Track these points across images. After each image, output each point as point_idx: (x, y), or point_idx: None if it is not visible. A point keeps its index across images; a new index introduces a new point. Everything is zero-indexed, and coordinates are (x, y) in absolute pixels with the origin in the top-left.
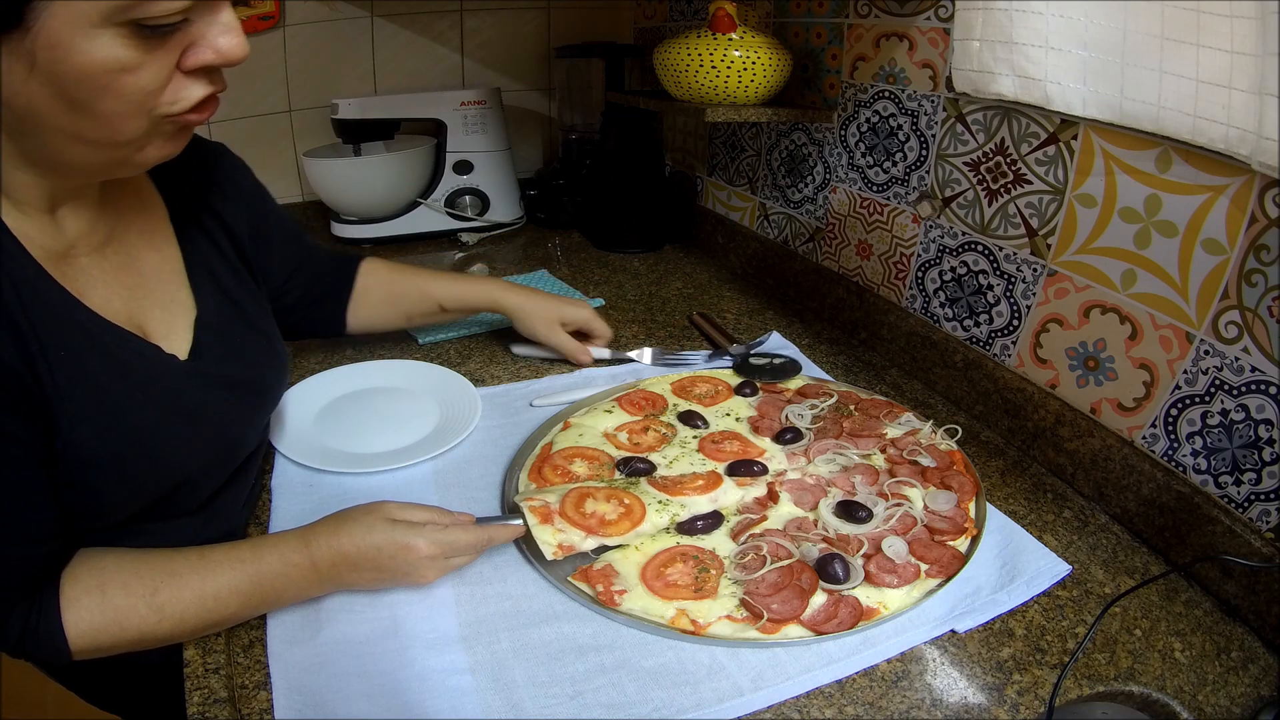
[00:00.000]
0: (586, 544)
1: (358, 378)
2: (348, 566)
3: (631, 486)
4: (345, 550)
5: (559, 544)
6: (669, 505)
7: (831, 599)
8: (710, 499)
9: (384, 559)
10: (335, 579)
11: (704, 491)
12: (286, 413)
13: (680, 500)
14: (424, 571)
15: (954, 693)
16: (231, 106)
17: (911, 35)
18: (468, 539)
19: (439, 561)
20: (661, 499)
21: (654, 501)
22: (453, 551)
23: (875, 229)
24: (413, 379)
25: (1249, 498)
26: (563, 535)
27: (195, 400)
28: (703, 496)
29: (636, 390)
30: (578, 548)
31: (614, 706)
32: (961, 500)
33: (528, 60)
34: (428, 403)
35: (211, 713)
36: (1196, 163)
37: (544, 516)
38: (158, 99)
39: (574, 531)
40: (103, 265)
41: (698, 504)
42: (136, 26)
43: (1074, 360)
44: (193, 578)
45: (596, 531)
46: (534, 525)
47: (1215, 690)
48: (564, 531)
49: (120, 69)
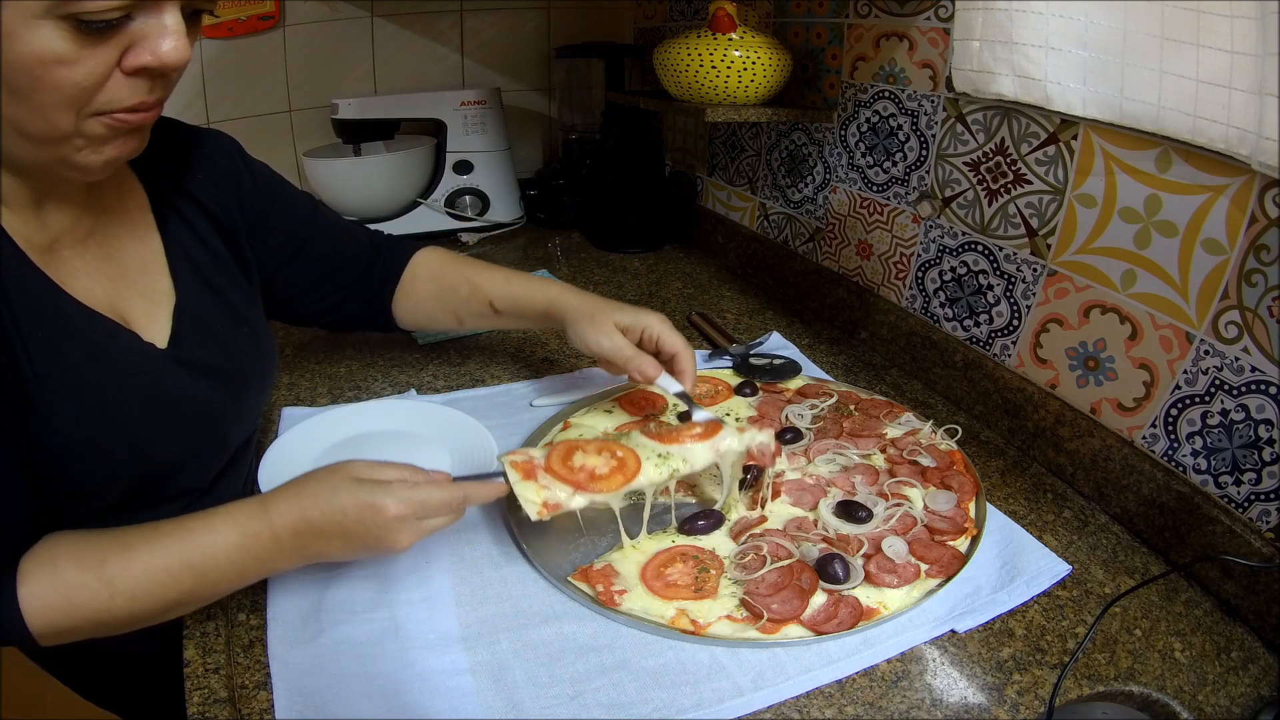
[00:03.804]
0: (575, 501)
1: (360, 420)
2: (313, 534)
3: (624, 439)
4: (308, 515)
5: (544, 502)
6: (669, 458)
7: (831, 599)
8: (710, 446)
9: (350, 522)
10: (300, 549)
11: (703, 439)
12: (282, 460)
13: (680, 450)
14: (395, 535)
15: (954, 693)
16: (231, 106)
17: (911, 35)
18: (441, 496)
19: (410, 523)
20: (660, 451)
21: (651, 454)
22: (425, 511)
23: (875, 229)
24: (422, 423)
25: (1249, 498)
26: (547, 493)
27: (173, 387)
28: (703, 444)
29: (636, 390)
30: (565, 506)
31: (614, 706)
32: (961, 500)
33: (528, 60)
34: (437, 450)
35: (211, 713)
36: (1196, 163)
37: (527, 472)
38: (92, 96)
39: (560, 487)
40: (85, 257)
41: (698, 453)
42: (76, 21)
43: (1074, 360)
44: (142, 549)
45: (586, 487)
46: (516, 482)
47: (1215, 690)
48: (549, 488)
49: (56, 61)
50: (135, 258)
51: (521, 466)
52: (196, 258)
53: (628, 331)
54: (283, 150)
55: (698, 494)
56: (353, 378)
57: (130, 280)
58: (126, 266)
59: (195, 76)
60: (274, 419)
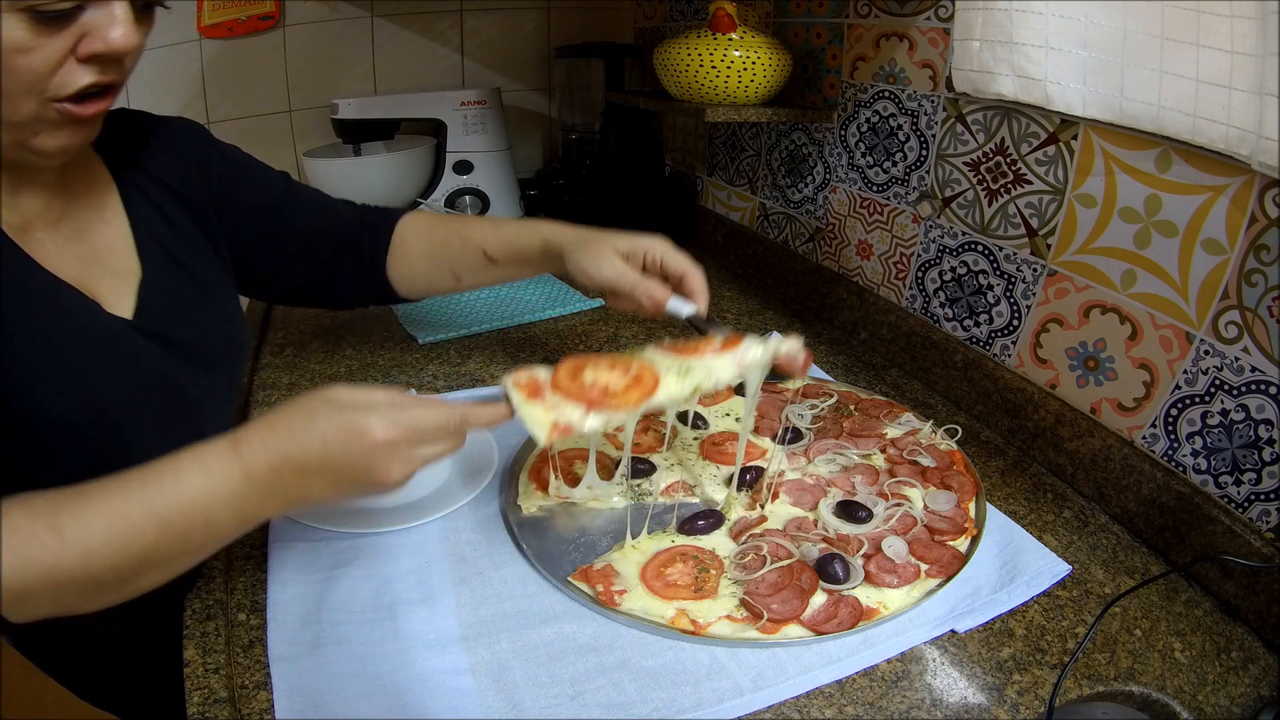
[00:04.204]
0: (589, 421)
1: None
2: (291, 471)
3: (637, 355)
4: (284, 448)
5: (553, 423)
6: (691, 372)
7: (831, 599)
8: (734, 359)
9: (333, 453)
10: (278, 491)
11: (726, 349)
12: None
13: (702, 362)
14: (385, 466)
15: (954, 693)
16: (231, 106)
17: (911, 35)
18: (435, 417)
19: (402, 450)
20: (681, 364)
21: (671, 368)
22: (417, 435)
23: (875, 229)
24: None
25: (1249, 498)
26: (557, 413)
27: (139, 358)
28: (726, 355)
29: None
30: (577, 427)
31: (614, 706)
32: (961, 500)
33: (528, 60)
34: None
35: (211, 713)
36: (1196, 163)
37: (532, 392)
38: (48, 82)
39: (570, 406)
40: (56, 239)
41: (722, 366)
42: (33, 12)
43: (1074, 360)
44: (99, 496)
45: (600, 404)
46: (520, 404)
47: (1215, 690)
48: (557, 408)
49: (15, 49)
50: (104, 239)
51: (526, 386)
52: (163, 236)
53: (629, 257)
54: (283, 150)
55: (698, 494)
56: (353, 378)
57: (99, 259)
58: (95, 247)
59: (195, 77)
60: None
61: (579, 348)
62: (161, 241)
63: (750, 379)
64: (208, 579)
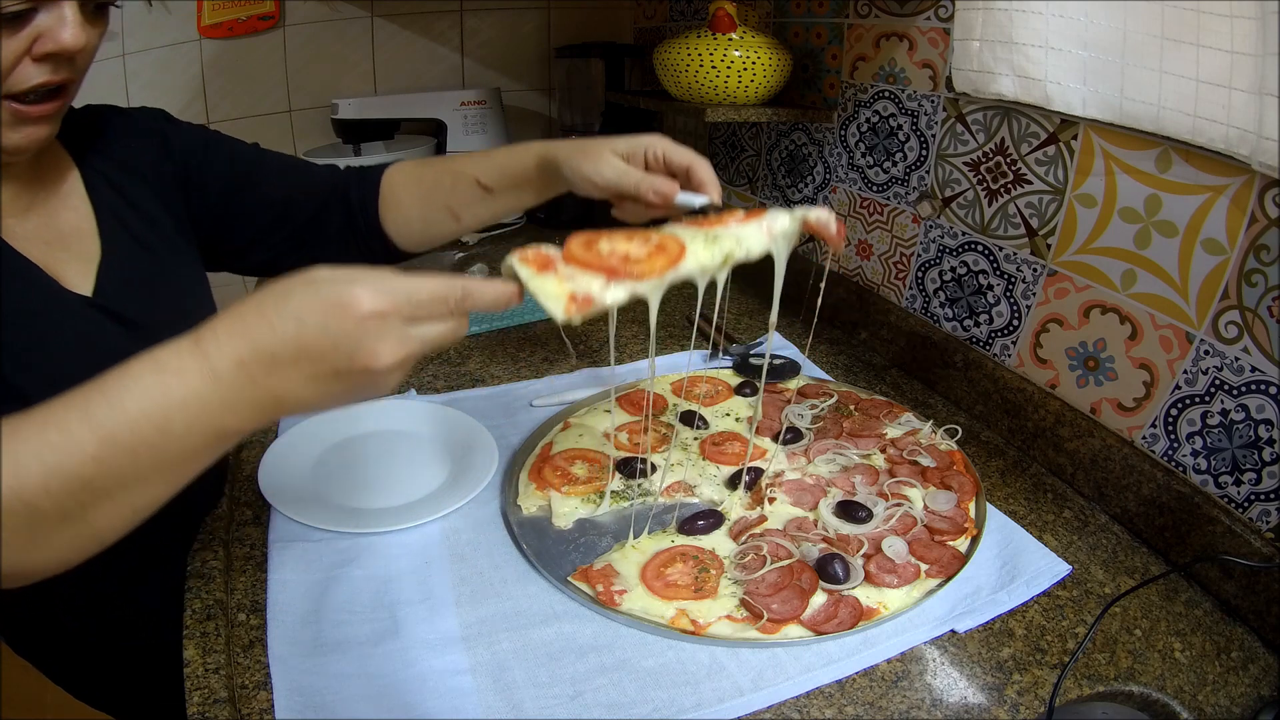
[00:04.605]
0: (611, 293)
1: (360, 420)
2: (263, 363)
3: (658, 230)
4: (253, 335)
5: (570, 294)
6: (720, 239)
7: (831, 599)
8: (761, 226)
9: (310, 334)
10: (247, 393)
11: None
12: (283, 460)
13: (729, 231)
14: (374, 344)
15: (954, 693)
16: (231, 106)
17: (911, 35)
18: (431, 287)
19: (394, 326)
20: (707, 234)
21: (697, 237)
22: (411, 307)
23: (875, 229)
24: (422, 423)
25: (1249, 498)
26: (572, 283)
27: (96, 336)
28: (752, 223)
29: (636, 390)
30: (598, 299)
31: (614, 706)
32: (961, 500)
33: (528, 60)
34: (438, 450)
35: (211, 713)
36: (1196, 163)
37: (542, 266)
38: (5, 78)
39: (587, 276)
40: (25, 227)
41: (750, 233)
42: None
43: (1074, 360)
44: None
45: (622, 272)
46: (530, 277)
47: (1215, 690)
48: (573, 279)
49: None
50: (69, 224)
51: (534, 260)
52: (125, 218)
53: (630, 157)
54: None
55: (698, 494)
56: None
57: (64, 243)
58: (63, 233)
59: (195, 77)
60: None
61: (579, 348)
62: (124, 223)
63: (778, 251)
64: (207, 579)
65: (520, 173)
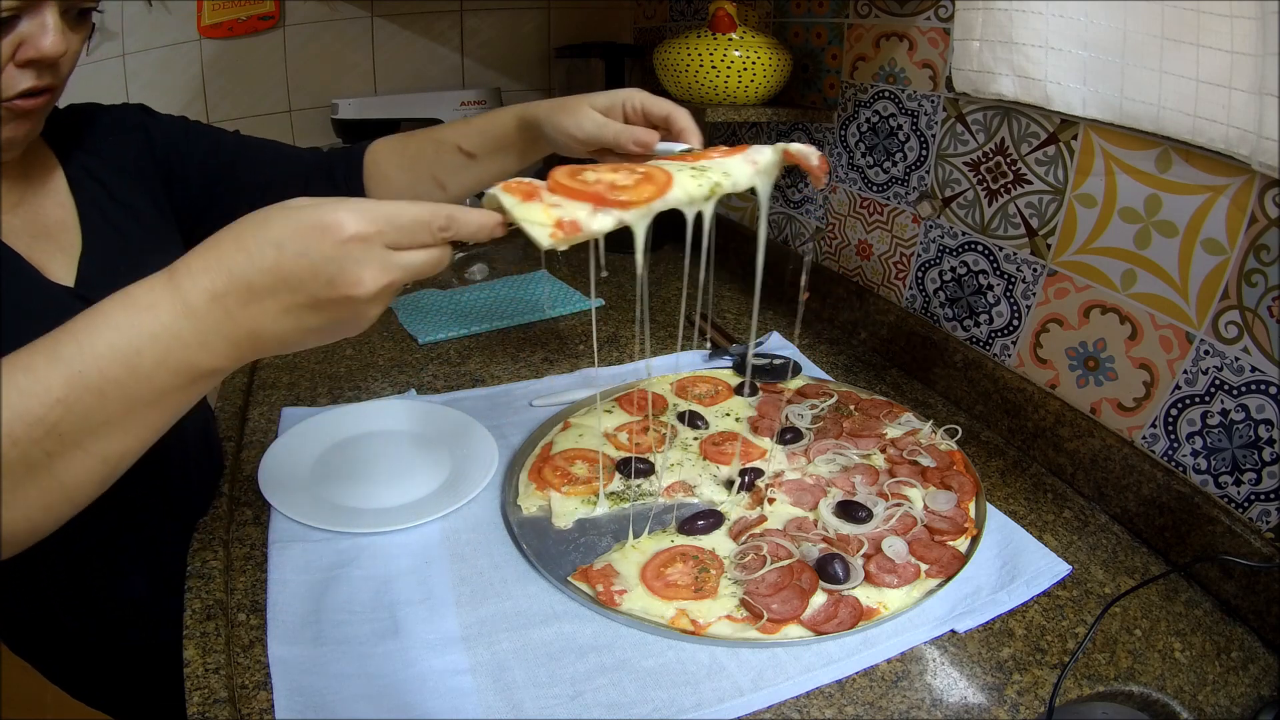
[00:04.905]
0: (598, 220)
1: (360, 420)
2: (240, 294)
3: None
4: (229, 264)
5: (556, 221)
6: (707, 171)
7: (831, 599)
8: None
9: (289, 260)
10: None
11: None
12: (282, 460)
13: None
14: (356, 270)
15: (954, 693)
16: (231, 106)
17: (911, 35)
18: (414, 211)
19: (376, 250)
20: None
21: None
22: (394, 231)
23: (875, 229)
24: (422, 423)
25: (1249, 498)
26: (559, 210)
27: None
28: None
29: (636, 390)
30: (585, 227)
31: (614, 706)
32: (961, 500)
33: (528, 60)
34: (438, 450)
35: (211, 713)
36: (1196, 163)
37: (527, 194)
38: None
39: (573, 204)
40: (12, 222)
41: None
42: None
43: (1074, 360)
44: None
45: (608, 199)
46: (514, 205)
47: (1215, 690)
48: (559, 206)
49: None
50: (55, 220)
51: (519, 190)
52: (107, 210)
53: (608, 111)
54: None
55: (698, 494)
56: (353, 378)
57: (48, 235)
58: (48, 227)
59: (195, 77)
60: (274, 419)
61: (579, 348)
62: (106, 216)
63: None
64: (207, 579)
65: (501, 135)
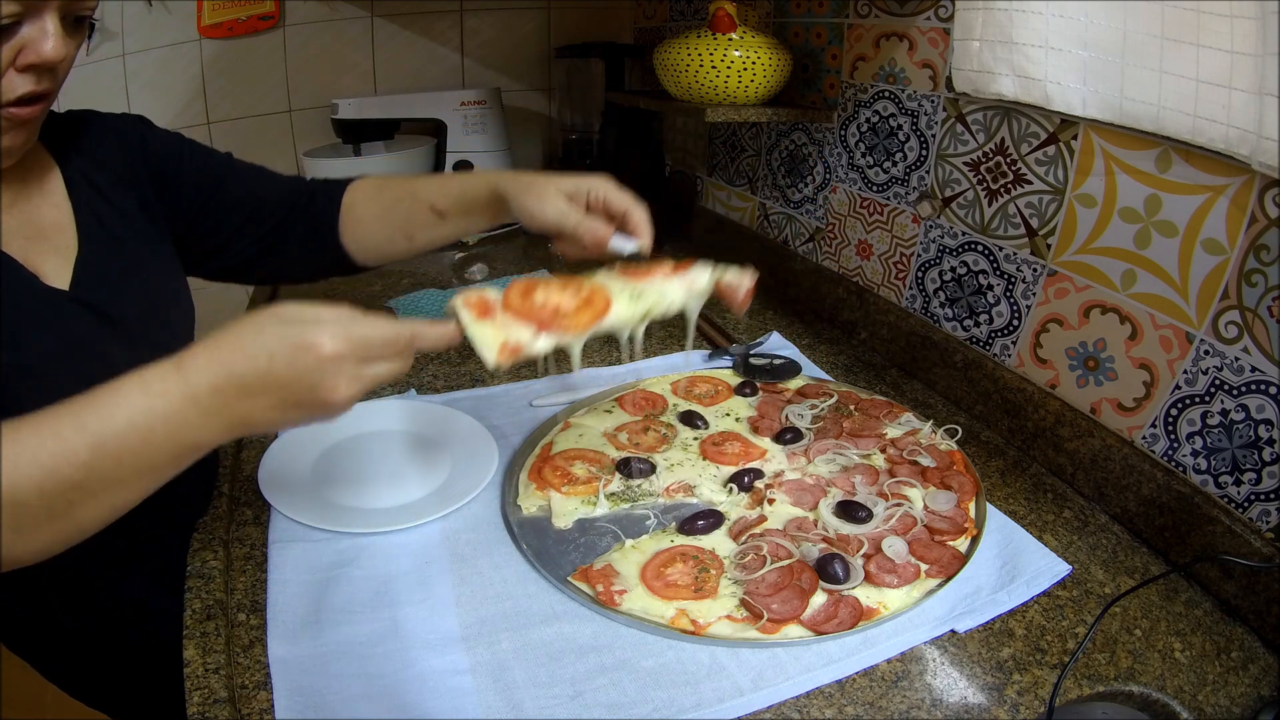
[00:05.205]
0: (540, 343)
1: (360, 420)
2: (235, 390)
3: (591, 278)
4: (229, 364)
5: (503, 342)
6: (643, 296)
7: (831, 599)
8: (684, 282)
9: (279, 369)
10: (221, 412)
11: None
12: (282, 459)
13: (654, 286)
14: (333, 383)
15: (954, 693)
16: (231, 106)
17: (911, 35)
18: (383, 332)
19: (349, 366)
20: (634, 288)
21: (623, 291)
22: (365, 350)
23: (875, 229)
24: (422, 423)
25: (1249, 498)
26: (507, 333)
27: (73, 328)
28: (676, 278)
29: (636, 390)
30: (527, 348)
31: (614, 706)
32: (961, 500)
33: (528, 60)
34: (438, 450)
35: (211, 713)
36: (1196, 163)
37: (483, 311)
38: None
39: (520, 326)
40: (8, 224)
41: (673, 289)
42: None
43: (1074, 360)
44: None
45: (550, 325)
46: (469, 323)
47: (1215, 690)
48: (507, 328)
49: None
50: (51, 222)
51: (476, 305)
52: (103, 214)
53: (573, 197)
54: (283, 150)
55: (698, 494)
56: None
57: (44, 238)
58: (43, 229)
59: (195, 77)
60: None
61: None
62: (102, 220)
63: (691, 307)
64: (207, 579)
65: (473, 200)
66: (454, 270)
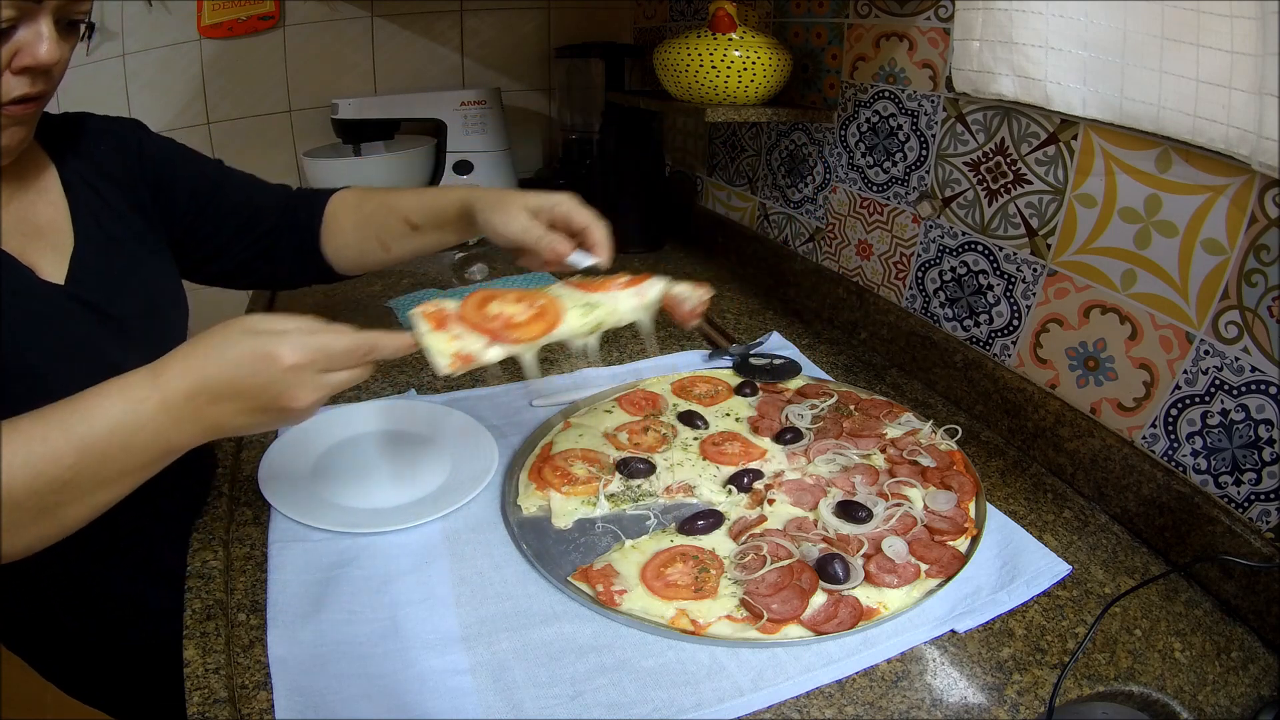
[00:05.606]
0: (490, 353)
1: (360, 420)
2: (206, 397)
3: (546, 288)
4: (199, 373)
5: (455, 353)
6: (595, 308)
7: (831, 599)
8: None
9: (244, 378)
10: (194, 416)
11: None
12: (282, 459)
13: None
14: (295, 391)
15: (954, 693)
16: (231, 106)
17: (911, 35)
18: (344, 343)
19: (310, 376)
20: (586, 300)
21: (576, 303)
22: (327, 361)
23: (875, 229)
24: (422, 423)
25: (1249, 498)
26: (460, 343)
27: (68, 324)
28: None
29: (636, 390)
30: (479, 358)
31: (614, 706)
32: (961, 500)
33: (528, 60)
34: (438, 450)
35: (211, 713)
36: (1196, 163)
37: (439, 322)
38: None
39: (473, 337)
40: (5, 221)
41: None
42: None
43: (1074, 360)
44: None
45: (501, 336)
46: (425, 333)
47: (1215, 690)
48: (460, 338)
49: None
50: (47, 219)
51: (433, 316)
52: (99, 213)
53: (538, 214)
54: (283, 150)
55: (698, 494)
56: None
57: (40, 234)
58: (40, 226)
59: (195, 77)
60: None
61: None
62: (98, 218)
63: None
64: (207, 579)
65: (444, 215)
66: (454, 270)
